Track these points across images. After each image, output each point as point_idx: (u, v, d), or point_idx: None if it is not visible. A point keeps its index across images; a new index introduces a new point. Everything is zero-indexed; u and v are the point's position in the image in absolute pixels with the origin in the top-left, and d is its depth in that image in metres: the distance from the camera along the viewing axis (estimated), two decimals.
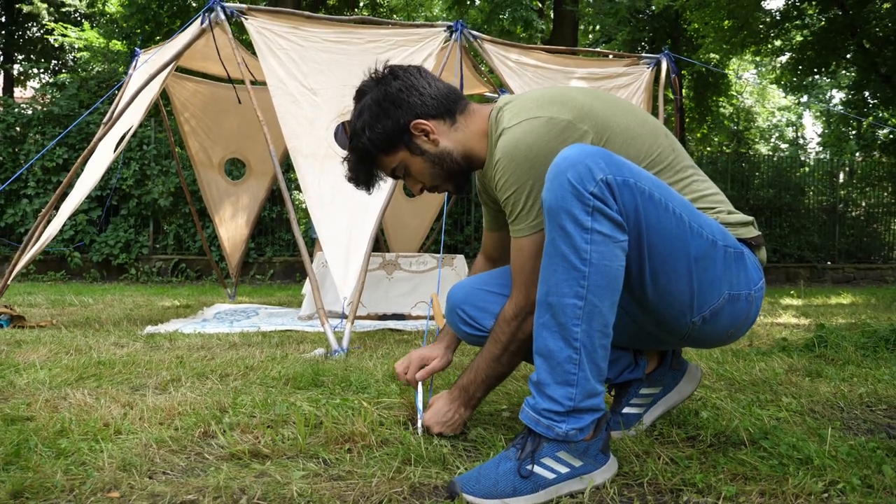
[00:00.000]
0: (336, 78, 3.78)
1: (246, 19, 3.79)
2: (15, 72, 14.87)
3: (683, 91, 13.47)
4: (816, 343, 2.86)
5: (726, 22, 11.11)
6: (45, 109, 9.26)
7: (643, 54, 4.92)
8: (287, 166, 7.34)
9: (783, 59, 13.66)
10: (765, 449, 1.45)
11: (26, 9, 13.70)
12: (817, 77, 15.00)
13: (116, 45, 11.75)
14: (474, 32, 4.23)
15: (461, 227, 10.11)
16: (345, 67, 3.79)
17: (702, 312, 1.35)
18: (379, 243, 6.47)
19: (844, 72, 15.00)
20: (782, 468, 1.33)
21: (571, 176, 1.19)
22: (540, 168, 1.32)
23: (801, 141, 27.93)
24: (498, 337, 1.44)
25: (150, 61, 4.32)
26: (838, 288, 9.27)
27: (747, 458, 1.38)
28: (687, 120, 14.79)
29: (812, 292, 7.80)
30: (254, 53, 3.92)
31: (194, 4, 11.67)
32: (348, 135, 1.52)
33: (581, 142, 1.33)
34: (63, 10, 14.47)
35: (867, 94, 12.82)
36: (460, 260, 4.73)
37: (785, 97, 24.08)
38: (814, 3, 11.24)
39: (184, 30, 4.10)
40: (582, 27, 14.89)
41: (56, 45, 14.28)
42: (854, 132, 17.81)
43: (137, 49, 4.79)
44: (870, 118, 13.20)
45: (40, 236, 3.96)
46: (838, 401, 1.98)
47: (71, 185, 4.26)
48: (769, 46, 12.35)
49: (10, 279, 3.85)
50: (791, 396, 2.01)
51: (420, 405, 1.62)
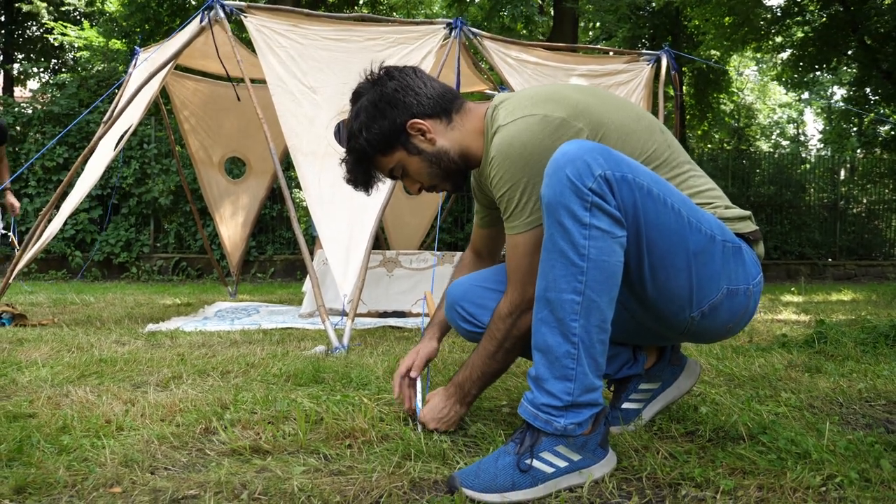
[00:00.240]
0: (335, 76, 3.78)
1: (245, 17, 3.79)
2: (15, 71, 14.86)
3: (684, 88, 13.46)
4: (816, 339, 2.86)
5: (727, 18, 11.10)
6: (45, 109, 9.27)
7: (643, 51, 4.92)
8: (287, 164, 7.34)
9: (784, 56, 13.65)
10: (763, 443, 1.45)
11: (26, 8, 13.68)
12: (818, 74, 14.99)
13: (116, 44, 11.75)
14: (473, 29, 4.23)
15: (461, 225, 10.11)
16: (344, 65, 3.80)
17: (701, 307, 1.35)
18: (379, 241, 6.47)
19: (846, 68, 14.97)
20: (780, 462, 1.33)
21: (570, 172, 1.19)
22: (534, 166, 1.33)
23: (803, 138, 27.93)
24: (493, 334, 1.44)
25: (150, 60, 4.32)
26: (839, 285, 9.27)
27: (746, 453, 1.39)
28: (688, 117, 14.78)
29: (813, 289, 7.80)
30: (254, 51, 3.92)
31: (193, 2, 11.67)
32: (346, 136, 1.53)
33: (575, 139, 1.33)
34: (62, 9, 14.46)
35: (868, 91, 12.81)
36: (460, 257, 4.74)
37: (786, 94, 24.07)
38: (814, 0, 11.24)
39: (183, 28, 4.10)
40: (582, 24, 14.87)
41: (56, 45, 14.27)
42: (855, 129, 17.79)
43: (137, 47, 4.79)
44: (872, 115, 13.19)
45: (41, 235, 3.97)
46: (837, 396, 1.98)
47: (71, 185, 4.27)
48: (770, 43, 12.34)
49: (12, 277, 3.86)
50: (790, 392, 2.02)
51: (419, 402, 1.63)
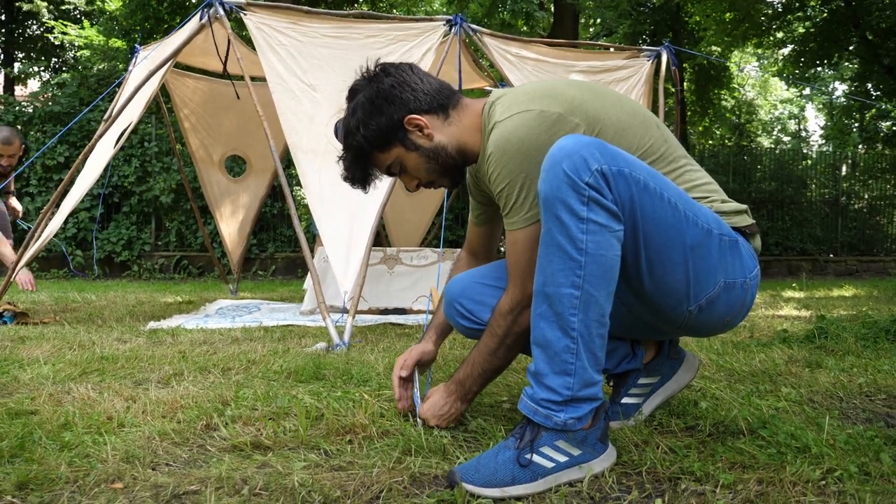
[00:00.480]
0: (335, 74, 3.78)
1: (245, 15, 3.79)
2: (15, 70, 14.86)
3: (685, 84, 13.44)
4: (817, 334, 2.86)
5: (728, 14, 11.08)
6: (46, 108, 9.27)
7: (643, 47, 4.91)
8: (287, 162, 7.35)
9: (785, 52, 13.63)
10: (763, 438, 1.45)
11: (26, 7, 13.68)
12: (819, 69, 14.96)
13: (116, 43, 11.74)
14: (474, 26, 4.23)
15: (462, 222, 10.12)
16: (344, 63, 3.79)
17: (698, 301, 1.36)
18: (380, 238, 6.47)
19: (847, 64, 14.94)
20: (780, 456, 1.34)
21: (567, 166, 1.19)
22: (532, 161, 1.33)
23: (804, 134, 27.87)
24: (494, 330, 1.44)
25: (150, 57, 4.32)
26: (840, 280, 9.26)
27: (746, 447, 1.39)
28: (689, 113, 14.76)
29: (814, 285, 7.79)
30: (253, 49, 3.92)
31: (193, 0, 11.65)
32: (343, 134, 1.52)
33: (573, 134, 1.33)
34: (63, 8, 14.46)
35: (870, 86, 12.78)
36: (456, 258, 4.74)
37: (787, 90, 24.03)
38: None
39: (183, 26, 4.10)
40: (583, 20, 14.85)
41: (56, 44, 14.27)
42: (857, 125, 17.75)
43: (137, 45, 4.79)
44: (874, 109, 13.16)
45: (42, 233, 3.98)
46: (837, 391, 1.98)
47: (72, 183, 4.27)
48: (771, 38, 12.31)
49: (13, 276, 3.87)
50: (790, 386, 2.02)
51: (418, 398, 1.63)
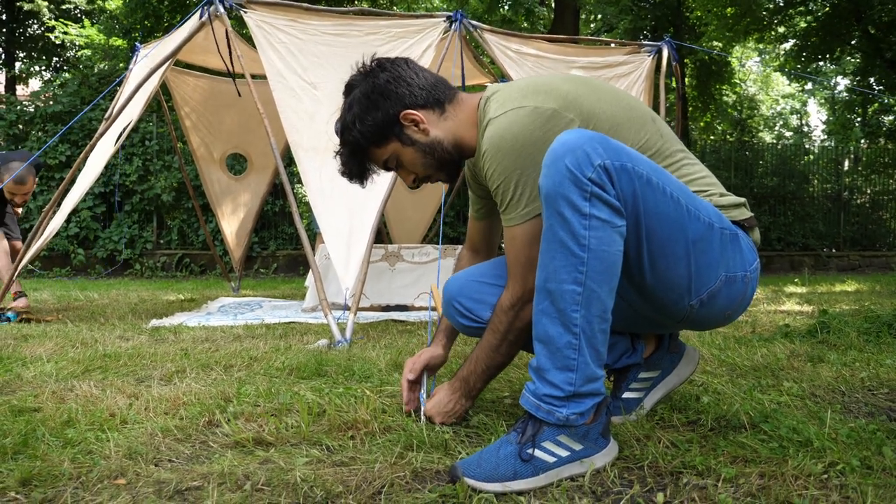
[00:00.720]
0: (336, 71, 3.77)
1: (245, 13, 3.79)
2: (16, 69, 14.87)
3: (686, 80, 13.40)
4: (819, 329, 2.86)
5: (729, 9, 11.06)
6: (48, 107, 9.28)
7: (644, 42, 4.89)
8: (289, 160, 7.35)
9: (787, 46, 13.59)
10: (765, 432, 1.45)
11: (27, 6, 13.69)
12: (821, 64, 14.91)
13: (117, 42, 11.75)
14: (474, 22, 4.22)
15: (463, 219, 10.11)
16: (344, 60, 3.75)
17: (699, 295, 1.35)
18: (381, 235, 6.47)
19: (849, 58, 14.90)
20: (782, 450, 1.34)
21: (569, 162, 1.19)
22: (527, 157, 1.33)
23: (806, 129, 27.81)
24: (496, 327, 1.44)
25: (150, 56, 4.32)
26: (843, 275, 9.25)
27: (747, 441, 1.39)
28: (690, 108, 14.73)
29: (816, 280, 7.78)
30: (254, 47, 3.92)
31: None
32: (340, 129, 1.52)
33: (566, 129, 1.32)
34: (63, 8, 14.46)
35: (873, 80, 12.75)
36: (458, 256, 4.74)
37: (789, 85, 23.97)
38: None
39: (183, 24, 4.10)
40: (583, 16, 14.82)
41: (57, 43, 14.27)
42: (859, 119, 17.70)
43: (137, 44, 4.80)
44: (877, 103, 13.12)
45: (43, 232, 3.98)
46: (840, 385, 1.98)
47: (73, 181, 4.28)
48: (772, 33, 12.30)
49: (16, 274, 3.87)
50: (792, 381, 2.01)
51: (423, 395, 1.63)
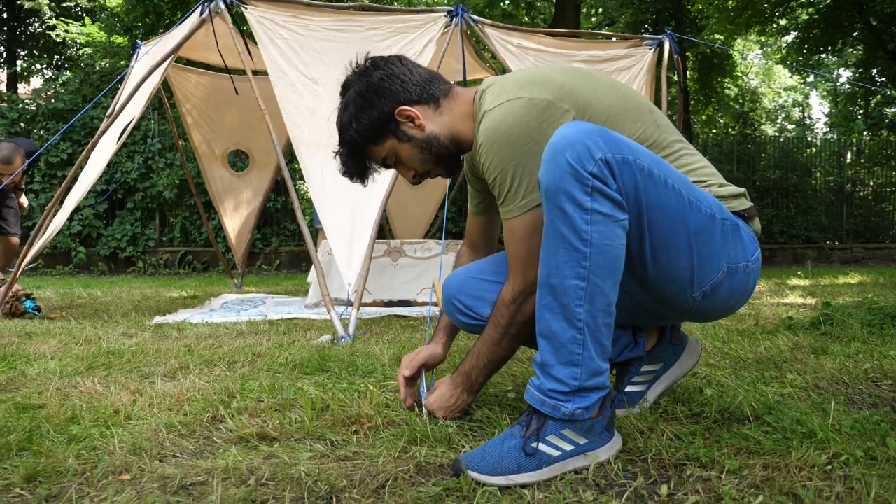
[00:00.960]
0: (337, 67, 3.75)
1: (246, 8, 3.78)
2: (18, 67, 14.88)
3: (688, 73, 13.36)
4: (822, 321, 2.86)
5: (730, 2, 11.02)
6: (49, 105, 9.29)
7: (645, 35, 4.88)
8: (290, 156, 7.34)
9: (789, 39, 13.53)
10: (769, 424, 1.45)
11: (28, 4, 13.68)
12: (823, 56, 14.86)
13: (118, 40, 11.75)
14: (475, 17, 4.20)
15: (465, 214, 10.09)
16: (345, 56, 3.73)
17: (702, 287, 1.35)
18: (384, 231, 6.48)
19: (851, 50, 14.84)
20: (786, 442, 1.33)
21: (570, 156, 1.18)
22: (523, 148, 1.32)
23: (808, 121, 27.73)
24: (497, 321, 1.43)
25: (151, 53, 4.32)
26: (846, 268, 9.23)
27: (751, 433, 1.39)
28: (692, 102, 14.69)
29: (819, 273, 7.77)
30: (255, 43, 3.91)
31: None
32: (338, 129, 1.52)
33: (561, 120, 1.32)
34: (64, 5, 14.46)
35: (875, 72, 12.70)
36: (457, 253, 4.74)
37: (791, 77, 23.89)
38: None
39: (184, 20, 4.10)
40: (584, 10, 14.76)
41: (58, 41, 14.28)
42: (861, 111, 17.64)
43: (139, 41, 4.79)
44: (879, 95, 13.06)
45: (46, 230, 3.99)
46: (843, 377, 1.98)
47: (75, 179, 4.28)
48: (774, 26, 12.24)
49: (19, 272, 3.88)
50: (796, 373, 2.01)
51: (423, 389, 1.63)
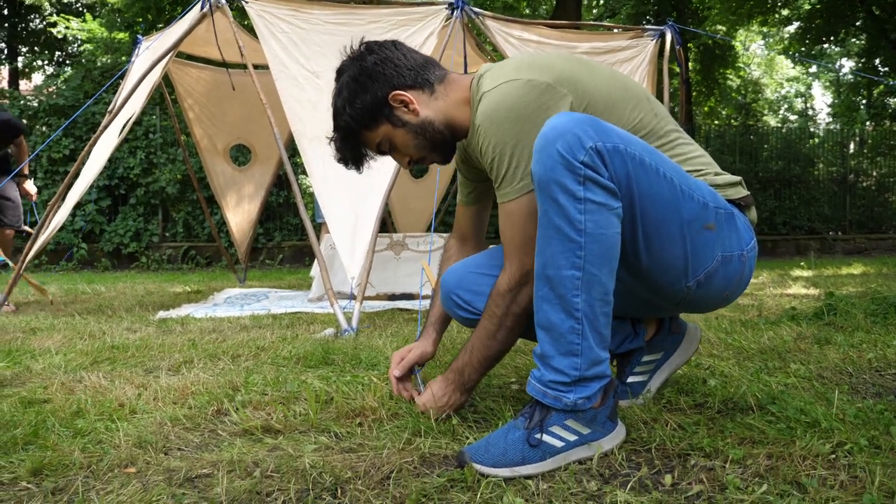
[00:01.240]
0: (338, 60, 3.72)
1: (246, 3, 3.77)
2: (19, 64, 14.88)
3: (690, 64, 13.31)
4: (826, 311, 2.85)
5: None
6: (51, 101, 9.29)
7: (647, 26, 4.86)
8: (292, 150, 7.33)
9: (791, 29, 13.47)
10: (772, 413, 1.45)
11: (28, 1, 13.68)
12: (826, 46, 14.79)
13: (119, 35, 11.73)
14: (475, 9, 4.19)
15: None
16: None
17: (696, 276, 1.35)
18: (386, 225, 6.47)
19: (854, 39, 14.76)
20: (790, 431, 1.34)
21: (560, 146, 1.18)
22: (521, 129, 1.32)
23: (811, 112, 27.63)
24: (492, 311, 1.40)
25: (152, 48, 4.32)
26: (849, 259, 9.21)
27: (755, 423, 1.39)
28: (694, 93, 14.64)
29: (822, 263, 7.76)
30: (256, 37, 3.91)
31: None
32: (332, 114, 1.51)
33: (561, 104, 1.32)
34: (65, 2, 14.44)
35: (878, 62, 12.64)
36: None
37: (793, 68, 23.79)
38: None
39: (184, 15, 4.09)
40: (585, 1, 14.71)
41: (59, 37, 14.27)
42: (864, 101, 17.57)
43: (139, 36, 4.79)
44: (882, 85, 13.00)
45: (49, 226, 4.00)
46: (847, 366, 1.98)
47: (77, 175, 4.29)
48: (776, 16, 12.20)
49: (23, 268, 3.89)
50: (799, 363, 2.01)
51: (421, 386, 1.62)
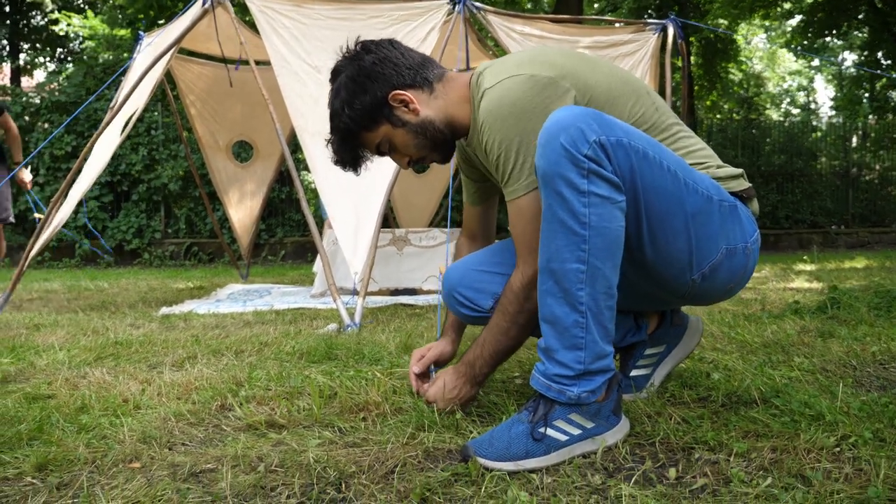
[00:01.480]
0: (340, 55, 3.75)
1: None
2: (21, 61, 14.88)
3: (692, 58, 13.27)
4: (829, 304, 2.85)
5: None
6: (53, 98, 9.29)
7: (649, 20, 4.84)
8: (294, 146, 7.33)
9: (793, 22, 13.42)
10: (776, 407, 1.45)
11: None
12: (828, 39, 14.74)
13: (120, 32, 11.73)
14: (477, 4, 4.17)
15: None
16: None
17: (701, 269, 1.35)
18: (388, 221, 6.47)
19: (856, 32, 14.70)
20: (794, 425, 1.33)
21: (564, 140, 1.17)
22: (525, 124, 1.31)
23: (813, 105, 27.55)
24: (505, 308, 1.40)
25: (154, 44, 4.31)
26: (852, 252, 9.20)
27: (759, 416, 1.39)
28: (696, 87, 14.59)
29: (825, 257, 7.74)
30: (257, 33, 3.90)
31: None
32: (329, 116, 1.49)
33: (564, 98, 1.32)
34: None
35: (881, 55, 12.59)
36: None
37: (796, 61, 23.71)
38: None
39: (186, 11, 4.08)
40: None
41: (61, 34, 14.26)
42: (867, 94, 17.51)
43: (141, 33, 4.78)
44: (885, 79, 12.95)
45: (52, 222, 4.00)
46: (851, 359, 1.98)
47: (80, 172, 4.28)
48: (778, 9, 12.14)
49: (26, 265, 3.89)
50: (803, 356, 2.01)
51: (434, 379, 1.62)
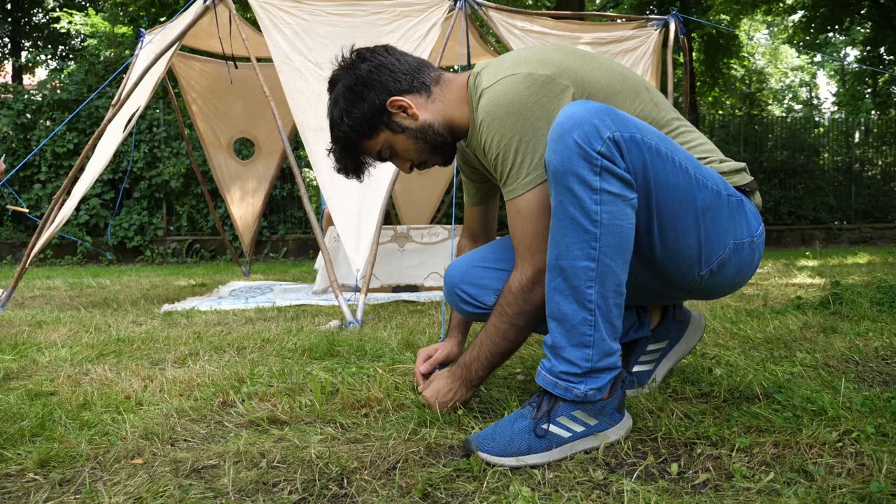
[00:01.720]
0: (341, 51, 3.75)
1: None
2: (23, 59, 14.88)
3: (694, 54, 13.24)
4: (831, 300, 2.84)
5: None
6: (54, 96, 9.30)
7: (650, 16, 4.83)
8: (296, 144, 7.33)
9: (795, 18, 13.38)
10: (778, 402, 1.45)
11: None
12: (831, 35, 14.70)
13: (122, 30, 11.72)
14: (479, 0, 4.17)
15: None
16: (349, 40, 3.71)
17: (709, 265, 1.34)
18: (390, 217, 6.47)
19: (859, 28, 14.66)
20: (796, 420, 1.33)
21: (578, 136, 1.17)
22: (524, 123, 1.31)
23: (816, 101, 27.49)
24: (503, 310, 1.39)
25: (156, 41, 4.31)
26: (855, 248, 9.18)
27: (761, 412, 1.39)
28: (698, 83, 14.57)
29: (828, 253, 7.73)
30: (258, 30, 3.90)
31: None
32: (329, 126, 1.49)
33: (561, 96, 1.31)
34: None
35: (883, 50, 12.55)
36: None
37: (798, 57, 23.65)
38: None
39: (187, 8, 4.08)
40: None
41: (63, 32, 14.27)
42: (869, 90, 17.47)
43: (143, 30, 4.78)
44: (887, 75, 12.92)
45: (54, 220, 4.00)
46: (853, 355, 1.97)
47: (82, 169, 4.29)
48: (781, 5, 12.12)
49: (28, 262, 3.90)
50: (805, 352, 2.01)
51: None
